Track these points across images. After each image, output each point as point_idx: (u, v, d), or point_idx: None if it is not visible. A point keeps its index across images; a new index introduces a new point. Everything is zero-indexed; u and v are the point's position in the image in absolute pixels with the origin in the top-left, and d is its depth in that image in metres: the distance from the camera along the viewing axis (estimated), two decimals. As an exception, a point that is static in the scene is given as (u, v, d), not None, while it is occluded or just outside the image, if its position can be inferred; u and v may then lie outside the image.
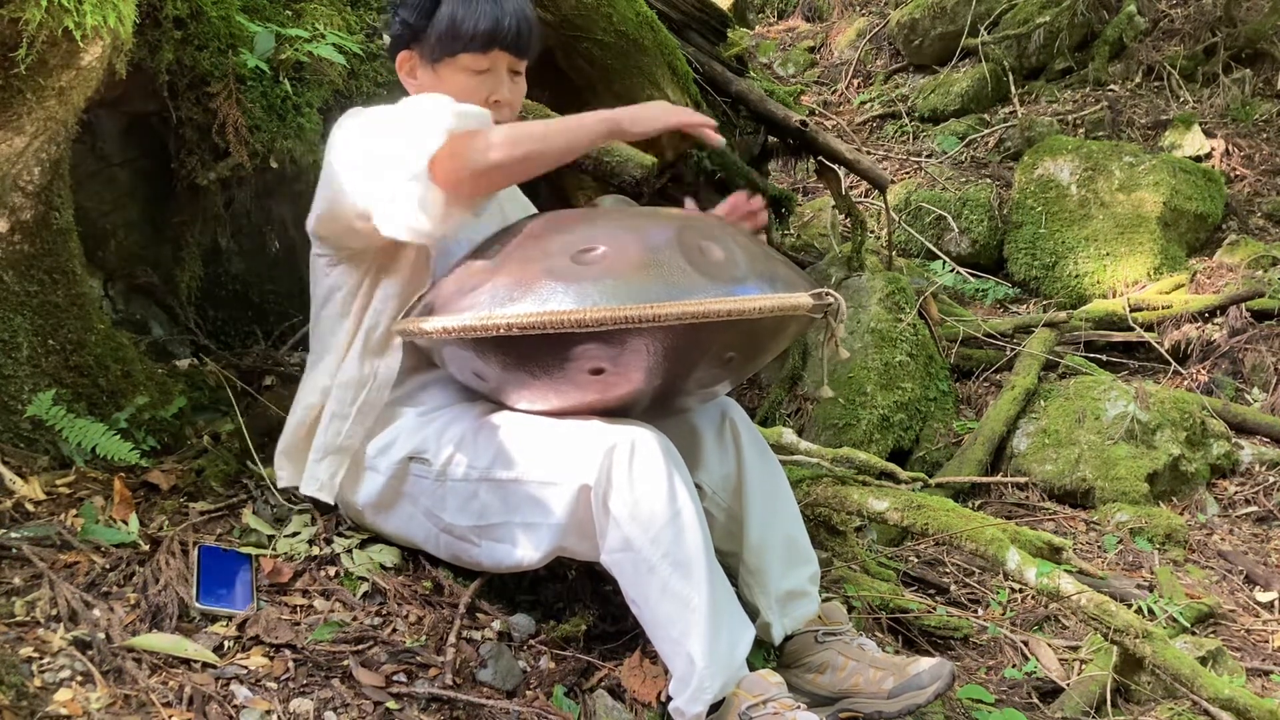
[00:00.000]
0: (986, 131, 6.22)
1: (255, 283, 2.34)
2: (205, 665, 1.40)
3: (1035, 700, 2.23)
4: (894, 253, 4.84)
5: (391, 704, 1.43)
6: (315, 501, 1.74)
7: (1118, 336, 4.67)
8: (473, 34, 1.63)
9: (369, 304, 1.67)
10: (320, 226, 1.66)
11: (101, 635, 1.38)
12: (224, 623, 1.50)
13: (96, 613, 1.42)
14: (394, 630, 1.58)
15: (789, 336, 1.63)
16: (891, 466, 2.39)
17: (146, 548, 1.59)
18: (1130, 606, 2.55)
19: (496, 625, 1.65)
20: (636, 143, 3.11)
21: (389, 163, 1.48)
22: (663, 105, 1.60)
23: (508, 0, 1.66)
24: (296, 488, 1.73)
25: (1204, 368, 4.43)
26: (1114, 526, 3.39)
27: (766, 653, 1.78)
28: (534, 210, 1.91)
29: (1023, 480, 3.68)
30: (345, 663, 1.48)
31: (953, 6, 6.67)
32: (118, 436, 1.71)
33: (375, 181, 1.50)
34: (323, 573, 1.66)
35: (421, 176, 1.45)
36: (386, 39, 2.04)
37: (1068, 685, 2.27)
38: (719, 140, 1.62)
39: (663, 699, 1.56)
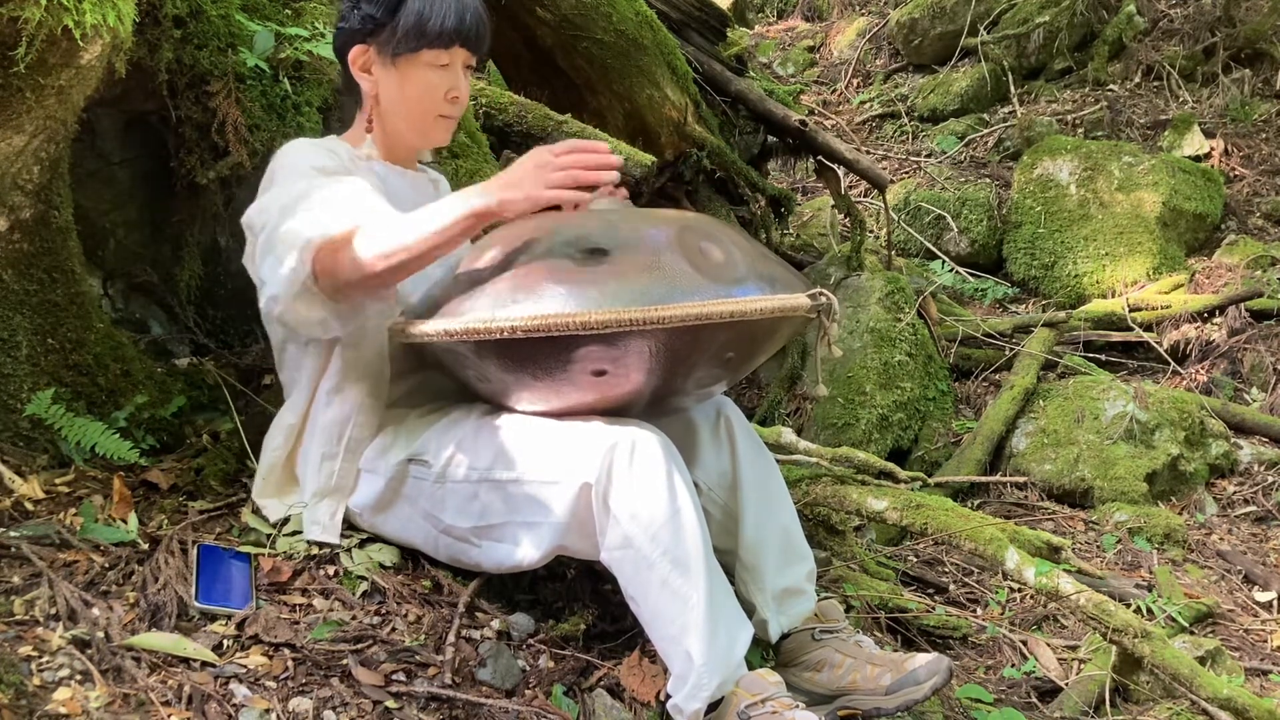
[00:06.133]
0: (986, 131, 6.23)
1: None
2: (204, 664, 1.40)
3: (1034, 700, 2.24)
4: (893, 252, 4.84)
5: (390, 703, 1.43)
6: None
7: (1117, 336, 4.68)
8: (439, 30, 1.64)
9: (336, 341, 1.66)
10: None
11: (100, 634, 1.38)
12: (223, 622, 1.50)
13: (96, 611, 1.42)
14: (393, 629, 1.58)
15: (784, 337, 1.64)
16: (890, 466, 2.39)
17: (146, 546, 1.59)
18: (1129, 606, 2.56)
19: (496, 624, 1.65)
20: (635, 143, 3.12)
21: (268, 276, 1.53)
22: (536, 173, 1.44)
23: None
24: (287, 519, 1.72)
25: (1203, 368, 4.43)
26: (1113, 526, 3.39)
27: (764, 651, 1.78)
28: None
29: (1022, 480, 3.68)
30: (344, 662, 1.48)
31: (952, 6, 6.67)
32: (117, 435, 1.71)
33: (262, 289, 1.56)
34: (322, 572, 1.66)
35: (306, 294, 1.51)
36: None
37: (1066, 685, 2.27)
38: (616, 166, 1.48)
39: (661, 698, 1.56)
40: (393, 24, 1.65)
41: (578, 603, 1.76)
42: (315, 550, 1.69)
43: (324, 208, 1.52)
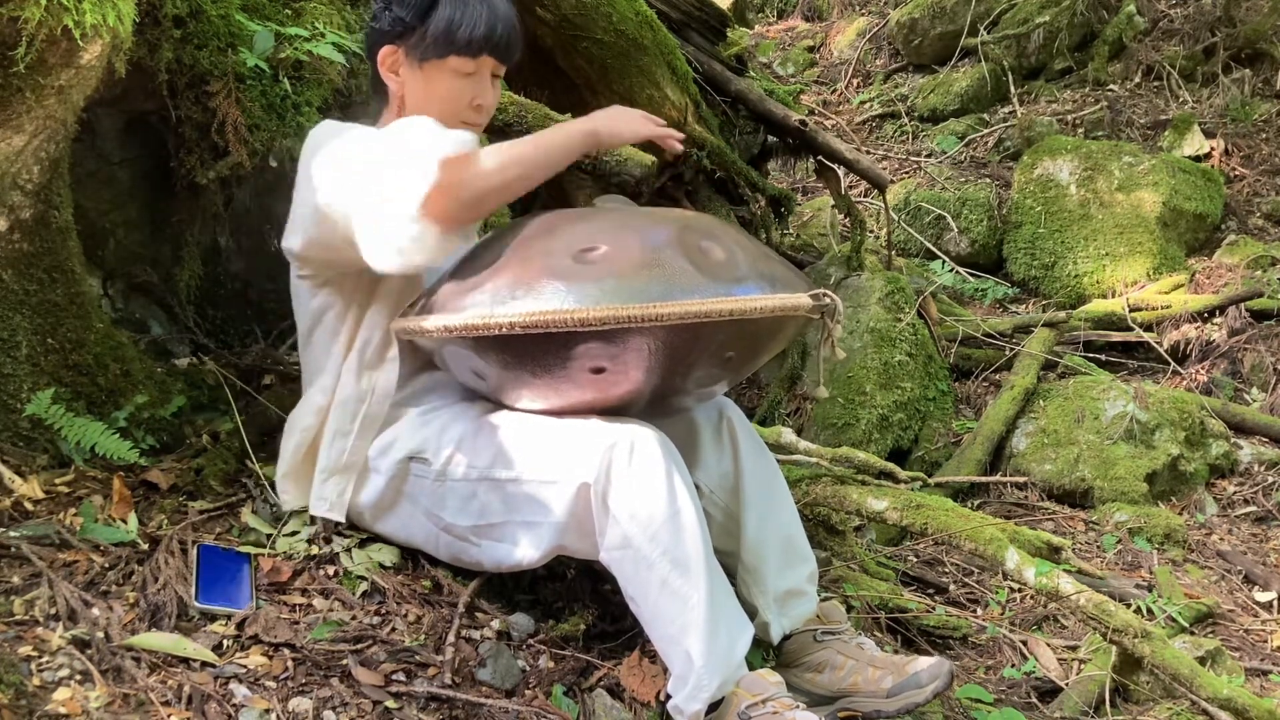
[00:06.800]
0: (986, 131, 6.23)
1: (254, 281, 2.34)
2: (204, 664, 1.40)
3: (1034, 700, 2.24)
4: (893, 252, 4.84)
5: (390, 703, 1.43)
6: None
7: (1117, 336, 4.68)
8: (468, 38, 1.63)
9: (361, 319, 1.67)
10: (306, 250, 1.64)
11: (100, 634, 1.38)
12: (223, 622, 1.50)
13: (95, 611, 1.42)
14: (393, 629, 1.58)
15: (786, 337, 1.64)
16: (890, 466, 2.39)
17: (145, 546, 1.59)
18: (1129, 606, 2.56)
19: (496, 624, 1.65)
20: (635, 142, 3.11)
21: (380, 199, 1.46)
22: (638, 116, 1.69)
23: (499, 6, 1.67)
24: (304, 508, 1.72)
25: (1203, 368, 4.43)
26: (1113, 526, 3.39)
27: (765, 652, 1.78)
28: None
29: (1022, 480, 3.68)
30: (344, 662, 1.48)
31: (952, 6, 6.67)
32: (117, 435, 1.71)
33: (367, 217, 1.47)
34: (322, 572, 1.66)
35: (415, 215, 1.44)
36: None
37: (1066, 685, 2.27)
38: (678, 147, 1.75)
39: (662, 698, 1.56)
40: (422, 28, 1.64)
41: (578, 603, 1.76)
42: (315, 550, 1.69)
43: (442, 132, 1.51)
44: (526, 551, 1.57)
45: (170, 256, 2.16)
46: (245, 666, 1.43)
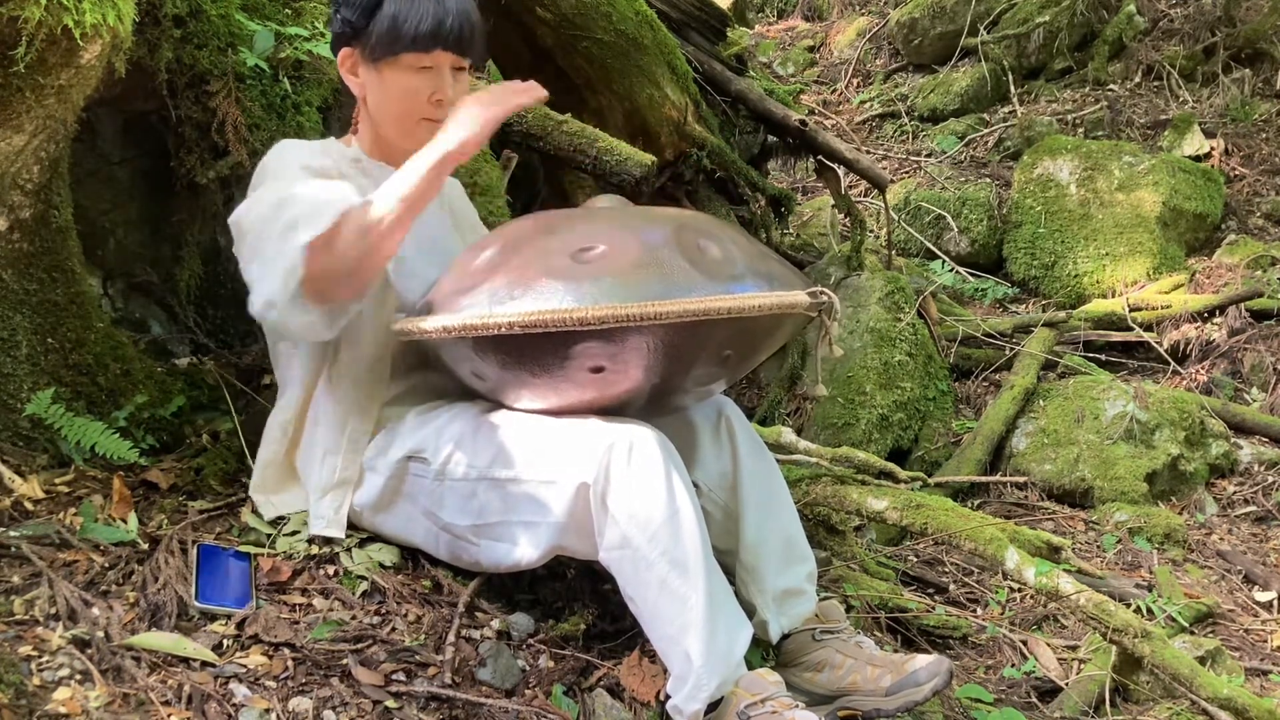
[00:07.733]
0: (986, 131, 6.23)
1: (254, 281, 2.34)
2: (204, 664, 1.40)
3: (1034, 700, 2.24)
4: (893, 252, 4.84)
5: (390, 703, 1.43)
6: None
7: (1117, 336, 4.68)
8: (415, 34, 1.61)
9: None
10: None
11: (100, 634, 1.38)
12: (223, 621, 1.50)
13: (95, 611, 1.42)
14: (393, 629, 1.58)
15: (784, 335, 1.64)
16: (890, 466, 2.39)
17: (145, 546, 1.59)
18: (1129, 606, 2.56)
19: (496, 624, 1.65)
20: (635, 143, 3.12)
21: (266, 289, 1.50)
22: (471, 108, 1.51)
23: None
24: (284, 517, 1.72)
25: (1203, 367, 4.43)
26: (1113, 526, 3.39)
27: (765, 651, 1.78)
28: (478, 222, 1.96)
29: (1022, 480, 3.68)
30: (344, 661, 1.48)
31: (952, 6, 6.67)
32: (117, 435, 1.71)
33: (263, 295, 1.51)
34: (322, 571, 1.66)
35: (296, 300, 1.47)
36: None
37: (1066, 685, 2.27)
38: (543, 95, 1.57)
39: (661, 698, 1.56)
40: (369, 28, 1.63)
41: (578, 602, 1.76)
42: (315, 550, 1.69)
43: (311, 206, 1.49)
44: (525, 551, 1.57)
45: (170, 256, 2.16)
46: (245, 666, 1.43)
